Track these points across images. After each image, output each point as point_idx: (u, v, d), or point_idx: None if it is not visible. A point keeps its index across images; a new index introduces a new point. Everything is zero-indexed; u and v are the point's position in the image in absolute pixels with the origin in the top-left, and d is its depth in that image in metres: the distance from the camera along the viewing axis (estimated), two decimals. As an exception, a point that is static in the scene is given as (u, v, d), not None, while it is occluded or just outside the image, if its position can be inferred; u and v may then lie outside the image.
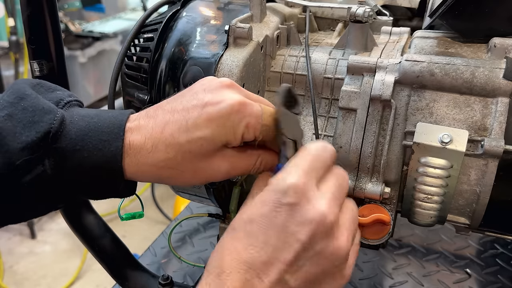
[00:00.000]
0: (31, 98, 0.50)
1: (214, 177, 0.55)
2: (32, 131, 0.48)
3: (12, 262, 2.67)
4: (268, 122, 0.53)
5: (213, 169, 0.53)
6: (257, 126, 0.52)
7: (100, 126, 0.51)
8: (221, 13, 0.78)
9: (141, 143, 0.51)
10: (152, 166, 0.51)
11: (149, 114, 0.53)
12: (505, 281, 0.95)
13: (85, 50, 3.00)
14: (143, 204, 0.76)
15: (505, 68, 0.61)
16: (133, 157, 0.51)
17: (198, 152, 0.51)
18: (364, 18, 0.71)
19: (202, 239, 1.09)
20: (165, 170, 0.52)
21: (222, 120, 0.50)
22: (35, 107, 0.49)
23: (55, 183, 0.50)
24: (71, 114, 0.51)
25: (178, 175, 0.53)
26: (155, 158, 0.51)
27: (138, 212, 0.74)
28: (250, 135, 0.52)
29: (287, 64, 0.75)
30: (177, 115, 0.52)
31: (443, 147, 0.60)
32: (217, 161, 0.53)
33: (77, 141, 0.49)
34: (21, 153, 0.47)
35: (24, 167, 0.48)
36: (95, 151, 0.50)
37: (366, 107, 0.66)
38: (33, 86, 0.53)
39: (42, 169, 0.49)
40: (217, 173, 0.54)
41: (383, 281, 0.96)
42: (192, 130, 0.50)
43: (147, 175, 0.53)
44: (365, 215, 0.64)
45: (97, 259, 0.87)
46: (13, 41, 2.70)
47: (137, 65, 0.76)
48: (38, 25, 0.73)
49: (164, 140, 0.51)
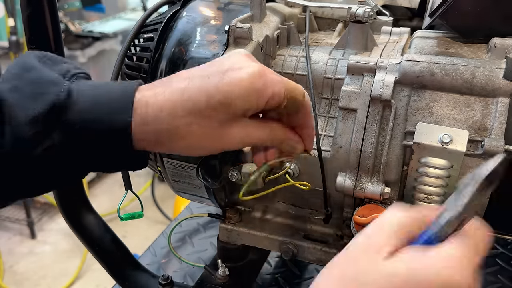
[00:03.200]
0: (37, 70, 0.49)
1: (231, 145, 0.53)
2: (39, 103, 0.47)
3: (12, 262, 2.67)
4: (295, 91, 0.52)
5: (230, 137, 0.52)
6: (281, 92, 0.50)
7: (108, 97, 0.49)
8: (221, 13, 0.78)
9: (158, 109, 0.49)
10: (169, 133, 0.49)
11: (163, 82, 0.51)
12: (505, 281, 0.95)
13: (85, 50, 3.00)
14: (142, 204, 0.76)
15: (505, 68, 0.61)
16: (148, 126, 0.49)
17: (217, 117, 0.50)
18: (364, 18, 0.71)
19: (202, 239, 1.09)
20: (182, 138, 0.50)
21: (244, 85, 0.49)
22: (41, 79, 0.48)
23: (65, 156, 0.49)
24: (78, 85, 0.50)
25: (195, 142, 0.51)
26: (174, 123, 0.49)
27: (137, 212, 0.74)
28: (274, 102, 0.51)
29: (287, 64, 0.75)
30: (196, 80, 0.50)
31: (443, 147, 0.60)
32: (234, 129, 0.51)
33: (84, 112, 0.48)
34: (29, 126, 0.46)
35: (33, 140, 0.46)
36: (104, 123, 0.48)
37: (366, 107, 0.66)
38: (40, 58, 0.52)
39: (51, 142, 0.47)
40: (233, 141, 0.52)
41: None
42: (214, 95, 0.49)
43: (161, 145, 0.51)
44: (365, 215, 0.64)
45: (97, 259, 0.87)
46: (13, 41, 2.70)
47: (137, 65, 0.76)
48: (38, 25, 0.73)
49: (183, 104, 0.49)
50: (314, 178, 0.72)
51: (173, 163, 0.75)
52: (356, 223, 0.65)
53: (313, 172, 0.72)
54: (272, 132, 0.55)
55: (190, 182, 0.77)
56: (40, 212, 2.98)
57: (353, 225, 0.65)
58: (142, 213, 0.74)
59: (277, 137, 0.56)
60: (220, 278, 0.84)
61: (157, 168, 0.80)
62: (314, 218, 0.79)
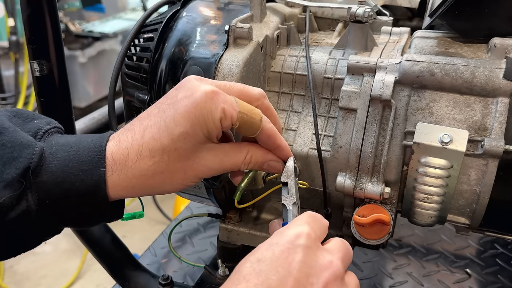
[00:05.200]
0: (9, 132, 0.49)
1: (205, 173, 0.54)
2: (12, 167, 0.47)
3: (12, 262, 2.67)
4: (245, 111, 0.52)
5: (202, 165, 0.53)
6: (233, 112, 0.51)
7: (80, 155, 0.50)
8: (221, 13, 0.78)
9: (124, 156, 0.50)
10: (141, 176, 0.50)
11: (127, 128, 0.52)
12: (505, 281, 0.95)
13: (85, 50, 3.00)
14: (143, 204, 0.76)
15: (505, 68, 0.61)
16: (120, 173, 0.50)
17: (183, 148, 0.51)
18: (364, 18, 0.71)
19: (202, 239, 1.09)
20: (155, 177, 0.51)
21: (199, 109, 0.50)
22: (13, 142, 0.49)
23: (41, 217, 0.49)
24: (50, 145, 0.51)
25: (169, 178, 0.52)
26: (142, 166, 0.50)
27: (138, 212, 0.74)
28: (227, 122, 0.51)
29: (287, 64, 0.75)
30: (154, 118, 0.51)
31: (443, 147, 0.60)
32: (205, 156, 0.52)
33: (57, 173, 0.49)
34: (3, 191, 0.46)
35: (8, 204, 0.47)
36: (77, 182, 0.49)
37: (366, 107, 0.66)
38: (11, 119, 0.52)
39: (26, 205, 0.48)
40: (207, 169, 0.53)
41: (383, 281, 0.95)
42: (172, 128, 0.50)
43: (138, 189, 0.52)
44: (365, 215, 0.64)
45: (97, 259, 0.87)
46: (13, 41, 2.71)
47: (137, 65, 0.76)
48: (38, 25, 0.73)
49: (147, 145, 0.50)
50: (314, 178, 0.72)
51: (173, 163, 0.75)
52: (356, 223, 0.65)
53: (313, 172, 0.72)
54: (249, 155, 0.56)
55: (190, 182, 0.77)
56: (40, 212, 2.98)
57: (353, 225, 0.65)
58: (142, 213, 0.74)
59: (254, 160, 0.56)
60: (220, 278, 0.84)
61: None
62: (314, 218, 0.79)
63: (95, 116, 1.08)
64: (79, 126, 1.04)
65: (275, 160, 0.58)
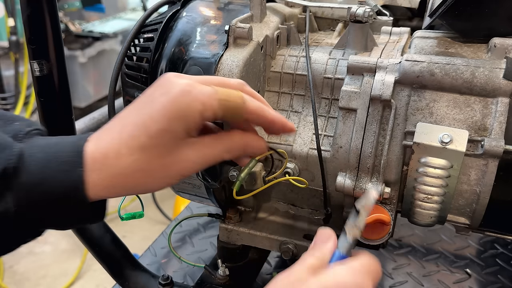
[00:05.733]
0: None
1: (187, 169, 0.52)
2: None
3: (12, 262, 2.67)
4: (225, 96, 0.51)
5: (184, 161, 0.51)
6: (213, 102, 0.50)
7: (58, 156, 0.49)
8: (221, 13, 0.78)
9: (103, 155, 0.49)
10: (121, 175, 0.50)
11: (106, 127, 0.52)
12: (505, 281, 0.95)
13: (85, 50, 3.00)
14: (143, 204, 0.76)
15: (505, 68, 0.61)
16: (99, 172, 0.49)
17: (162, 145, 0.50)
18: (364, 18, 0.71)
19: (202, 239, 1.09)
20: (136, 175, 0.50)
21: (175, 105, 0.49)
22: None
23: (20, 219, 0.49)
24: (30, 146, 0.50)
25: (150, 176, 0.51)
26: (121, 165, 0.49)
27: (138, 212, 0.74)
28: (209, 113, 0.50)
29: (287, 64, 0.75)
30: (132, 117, 0.51)
31: (443, 147, 0.60)
32: (186, 151, 0.51)
33: (36, 174, 0.48)
34: None
35: None
36: (56, 183, 0.48)
37: (366, 107, 0.66)
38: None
39: (5, 206, 0.47)
40: (189, 164, 0.52)
41: (383, 281, 0.96)
42: (150, 125, 0.49)
43: (119, 188, 0.51)
44: (365, 215, 0.64)
45: (97, 259, 0.87)
46: (13, 41, 2.71)
47: (137, 65, 0.76)
48: (38, 25, 0.73)
49: (125, 143, 0.49)
50: (314, 177, 0.72)
51: (173, 163, 0.75)
52: (356, 223, 0.65)
53: (313, 172, 0.72)
54: (230, 144, 0.54)
55: (190, 182, 0.77)
56: (40, 212, 2.98)
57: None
58: (142, 213, 0.74)
59: (236, 147, 0.55)
60: (220, 278, 0.84)
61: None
62: (314, 218, 0.79)
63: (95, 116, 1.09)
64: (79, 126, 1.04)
65: (254, 140, 0.56)
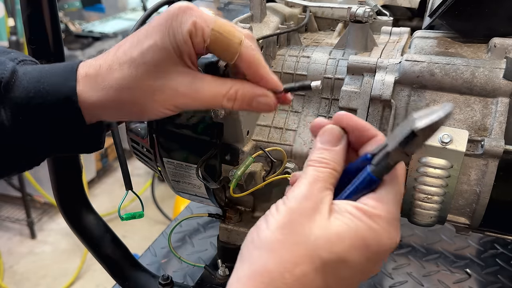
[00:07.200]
0: None
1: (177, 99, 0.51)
2: None
3: (12, 262, 2.67)
4: (222, 30, 0.49)
5: (172, 88, 0.50)
6: (205, 27, 0.48)
7: (52, 73, 0.51)
8: (221, 13, 0.78)
9: (96, 70, 0.50)
10: (110, 88, 0.50)
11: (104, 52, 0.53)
12: (505, 281, 0.95)
13: (85, 50, 3.00)
14: (143, 204, 0.76)
15: (505, 68, 0.61)
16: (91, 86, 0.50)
17: (152, 63, 0.49)
18: (364, 18, 0.71)
19: (202, 239, 1.09)
20: (124, 92, 0.50)
21: (169, 21, 0.49)
22: None
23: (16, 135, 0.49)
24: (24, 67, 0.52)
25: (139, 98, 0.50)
26: (111, 78, 0.50)
27: (138, 212, 0.74)
28: (198, 38, 0.49)
29: (287, 64, 0.75)
30: (130, 38, 0.52)
31: (443, 147, 0.60)
32: (177, 78, 0.50)
33: (30, 88, 0.49)
34: None
35: None
36: (49, 96, 0.49)
37: (366, 107, 0.66)
38: None
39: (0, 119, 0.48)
40: (180, 95, 0.50)
41: (383, 281, 0.95)
42: (143, 40, 0.50)
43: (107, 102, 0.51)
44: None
45: (97, 259, 0.87)
46: (13, 41, 2.70)
47: (137, 65, 0.75)
48: (38, 25, 0.73)
49: (118, 59, 0.50)
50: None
51: (173, 163, 0.75)
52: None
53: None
54: (233, 89, 0.51)
55: (190, 182, 0.77)
56: (40, 212, 2.98)
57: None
58: (142, 213, 0.74)
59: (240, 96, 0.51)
60: (220, 278, 0.84)
61: (157, 168, 0.80)
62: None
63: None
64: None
65: (265, 95, 0.51)
